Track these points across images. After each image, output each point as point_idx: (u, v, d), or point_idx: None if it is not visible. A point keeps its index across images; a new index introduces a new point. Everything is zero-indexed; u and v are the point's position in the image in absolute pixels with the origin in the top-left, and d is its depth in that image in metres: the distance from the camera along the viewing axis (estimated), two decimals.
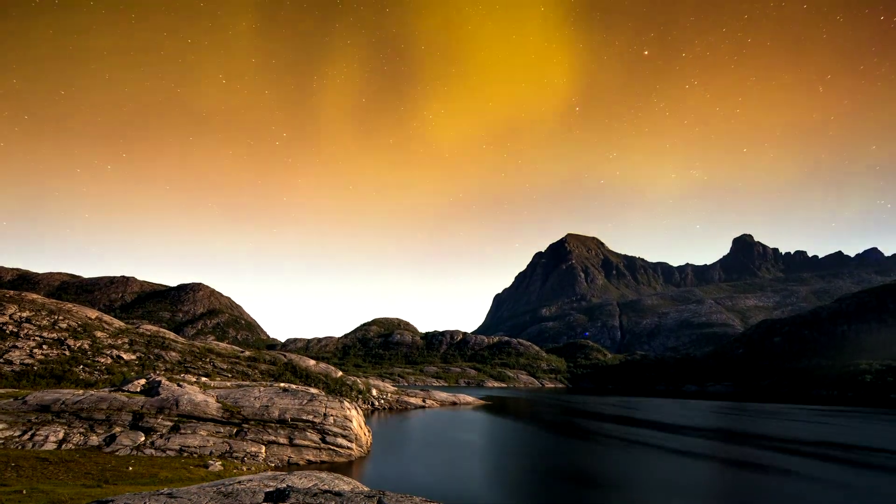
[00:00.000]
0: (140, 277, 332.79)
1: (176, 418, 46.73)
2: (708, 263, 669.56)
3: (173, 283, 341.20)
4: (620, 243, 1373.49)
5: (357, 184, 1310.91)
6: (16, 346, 65.85)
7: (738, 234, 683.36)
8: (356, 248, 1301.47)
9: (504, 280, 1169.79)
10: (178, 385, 54.87)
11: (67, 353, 69.36)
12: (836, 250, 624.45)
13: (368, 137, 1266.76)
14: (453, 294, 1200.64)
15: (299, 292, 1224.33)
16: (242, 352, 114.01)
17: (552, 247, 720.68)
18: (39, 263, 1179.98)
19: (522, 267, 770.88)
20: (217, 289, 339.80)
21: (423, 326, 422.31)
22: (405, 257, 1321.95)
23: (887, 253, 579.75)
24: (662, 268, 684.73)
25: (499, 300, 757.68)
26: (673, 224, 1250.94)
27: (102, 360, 71.68)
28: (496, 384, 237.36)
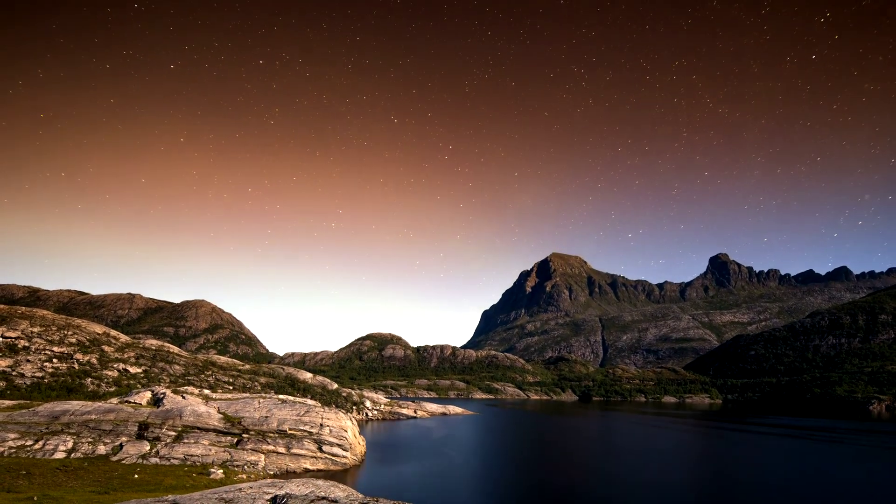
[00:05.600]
0: (145, 294, 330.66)
1: (179, 428, 46.93)
2: (686, 281, 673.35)
3: (177, 299, 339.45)
4: (603, 262, 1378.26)
5: (352, 204, 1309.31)
6: (28, 360, 65.71)
7: (714, 254, 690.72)
8: (352, 264, 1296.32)
9: (492, 296, 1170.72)
10: (182, 397, 55.06)
11: (76, 366, 69.21)
12: (808, 269, 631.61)
13: (362, 154, 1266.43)
14: (444, 310, 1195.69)
15: (297, 308, 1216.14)
16: (243, 365, 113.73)
17: (538, 265, 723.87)
18: (49, 281, 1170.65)
19: (509, 284, 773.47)
20: (218, 305, 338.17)
21: (415, 341, 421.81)
22: (398, 274, 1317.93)
23: (856, 272, 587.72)
24: (643, 285, 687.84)
25: (487, 316, 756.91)
26: (654, 243, 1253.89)
27: (110, 373, 71.54)
28: (484, 396, 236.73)
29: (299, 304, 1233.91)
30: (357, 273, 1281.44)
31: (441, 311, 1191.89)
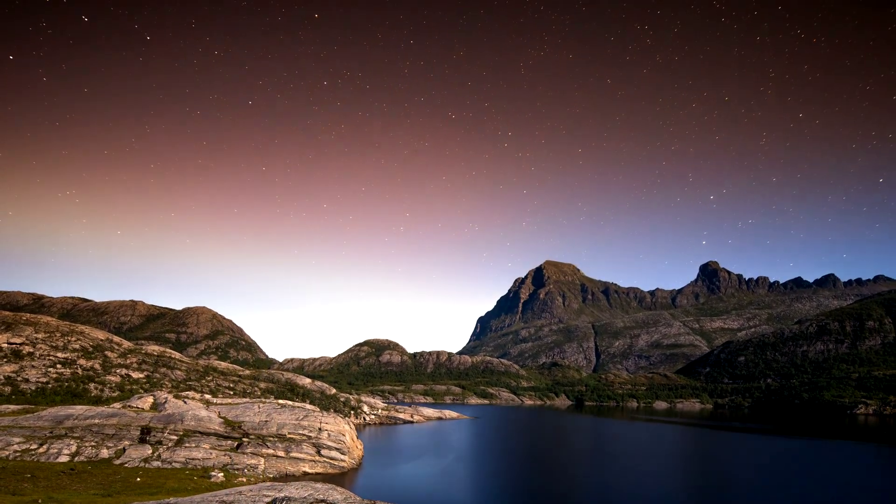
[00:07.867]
0: (148, 301, 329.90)
1: (181, 432, 46.99)
2: (677, 288, 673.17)
3: (178, 306, 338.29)
4: (596, 269, 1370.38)
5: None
6: (32, 366, 65.62)
7: (704, 261, 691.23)
8: (349, 272, 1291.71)
9: (487, 303, 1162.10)
10: (184, 401, 55.12)
11: (80, 371, 69.12)
12: (796, 276, 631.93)
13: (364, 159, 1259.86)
14: (439, 316, 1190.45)
15: (296, 314, 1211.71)
16: (243, 370, 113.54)
17: (532, 272, 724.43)
18: (53, 288, 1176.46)
19: (504, 291, 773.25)
20: (219, 311, 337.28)
21: (411, 347, 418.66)
22: (395, 281, 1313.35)
23: (843, 279, 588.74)
24: (634, 292, 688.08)
25: (482, 322, 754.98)
26: (646, 251, 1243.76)
27: (112, 378, 71.44)
28: (480, 401, 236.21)
29: (300, 309, 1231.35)
30: (356, 280, 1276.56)
31: (437, 316, 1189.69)
